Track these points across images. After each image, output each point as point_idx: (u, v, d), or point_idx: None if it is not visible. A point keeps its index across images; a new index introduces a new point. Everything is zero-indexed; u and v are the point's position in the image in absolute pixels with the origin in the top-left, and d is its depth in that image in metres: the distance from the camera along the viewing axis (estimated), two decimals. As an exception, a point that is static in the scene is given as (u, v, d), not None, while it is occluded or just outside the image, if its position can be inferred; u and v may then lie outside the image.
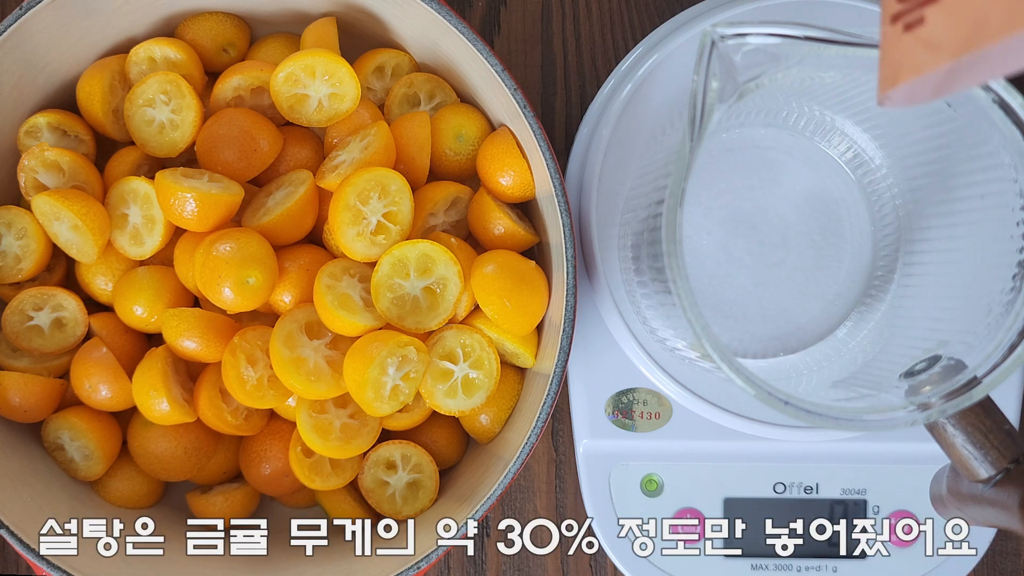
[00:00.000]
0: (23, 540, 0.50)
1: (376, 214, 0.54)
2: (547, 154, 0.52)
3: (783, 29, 0.40)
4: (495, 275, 0.54)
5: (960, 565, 0.59)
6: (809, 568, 0.60)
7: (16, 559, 0.64)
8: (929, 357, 0.45)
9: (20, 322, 0.56)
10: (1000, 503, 0.42)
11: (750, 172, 0.58)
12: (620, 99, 0.58)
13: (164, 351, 0.55)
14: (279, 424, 0.58)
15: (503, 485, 0.52)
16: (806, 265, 0.58)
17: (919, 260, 0.55)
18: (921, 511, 0.59)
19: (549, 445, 0.65)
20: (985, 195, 0.47)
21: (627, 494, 0.60)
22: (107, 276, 0.57)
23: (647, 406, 0.60)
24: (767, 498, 0.60)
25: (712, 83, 0.40)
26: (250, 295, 0.52)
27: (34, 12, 0.52)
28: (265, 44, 0.61)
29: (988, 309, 0.44)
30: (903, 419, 0.42)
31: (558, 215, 0.52)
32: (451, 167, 0.59)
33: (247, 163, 0.55)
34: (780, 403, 0.41)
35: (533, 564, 0.65)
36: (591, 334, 0.60)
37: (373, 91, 0.60)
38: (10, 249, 0.56)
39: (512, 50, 0.66)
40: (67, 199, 0.54)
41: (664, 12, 0.66)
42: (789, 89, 0.53)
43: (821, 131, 0.58)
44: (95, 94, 0.56)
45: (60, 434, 0.56)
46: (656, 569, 0.60)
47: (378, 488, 0.57)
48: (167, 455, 0.56)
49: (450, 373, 0.55)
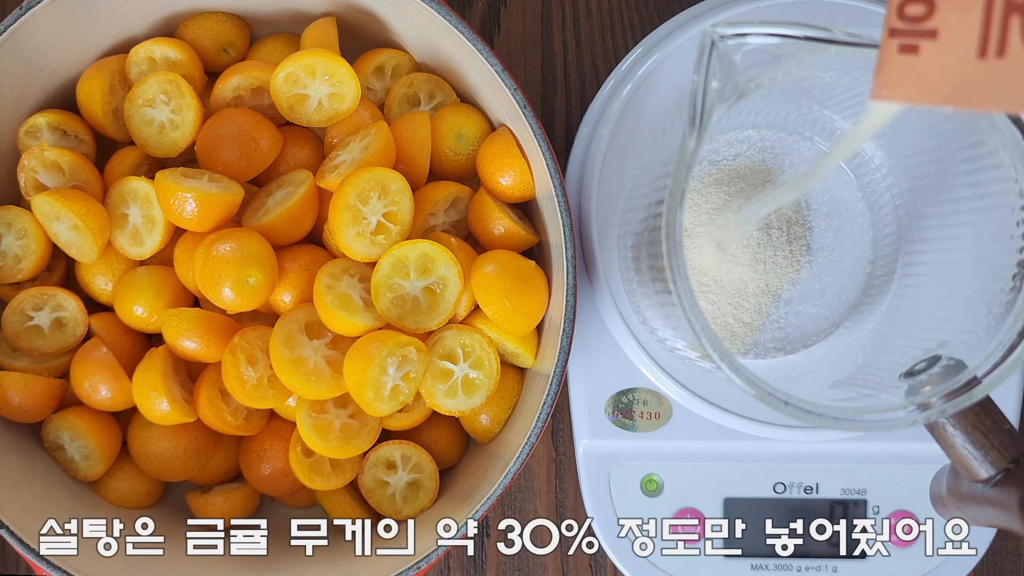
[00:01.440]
0: (23, 540, 0.50)
1: (376, 214, 0.54)
2: (547, 154, 0.52)
3: (783, 29, 0.40)
4: (495, 275, 0.54)
5: (960, 565, 0.59)
6: (809, 568, 0.60)
7: (16, 559, 0.64)
8: (929, 357, 0.45)
9: (20, 322, 0.56)
10: (1000, 503, 0.42)
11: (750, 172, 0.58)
12: (620, 99, 0.58)
13: (164, 351, 0.55)
14: (279, 424, 0.58)
15: (503, 485, 0.52)
16: (806, 265, 0.58)
17: (919, 260, 0.55)
18: (921, 511, 0.59)
19: (549, 445, 0.65)
20: (985, 195, 0.47)
21: (627, 494, 0.60)
22: (107, 276, 0.57)
23: (647, 406, 0.60)
24: (767, 498, 0.60)
25: (712, 83, 0.40)
26: (250, 295, 0.52)
27: (34, 12, 0.52)
28: (265, 44, 0.61)
29: (988, 309, 0.44)
30: (903, 419, 0.42)
31: (558, 215, 0.52)
32: (451, 167, 0.59)
33: (247, 163, 0.55)
34: (780, 403, 0.41)
35: (533, 564, 0.65)
36: (591, 334, 0.60)
37: (373, 91, 0.60)
38: (10, 249, 0.56)
39: (512, 50, 0.66)
40: (67, 199, 0.54)
41: (664, 12, 0.66)
42: (789, 89, 0.53)
43: (821, 131, 0.58)
44: (95, 94, 0.56)
45: (60, 434, 0.56)
46: (656, 569, 0.60)
47: (378, 488, 0.57)
48: (167, 455, 0.56)
49: (450, 373, 0.55)
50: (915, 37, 0.31)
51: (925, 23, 0.31)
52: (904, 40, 0.31)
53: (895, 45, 0.31)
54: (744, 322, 0.57)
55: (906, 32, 0.31)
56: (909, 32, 0.31)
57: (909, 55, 0.31)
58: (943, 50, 0.30)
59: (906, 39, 0.31)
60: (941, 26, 0.30)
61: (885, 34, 0.32)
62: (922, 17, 0.31)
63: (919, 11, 0.31)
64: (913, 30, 0.31)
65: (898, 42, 0.31)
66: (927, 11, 0.30)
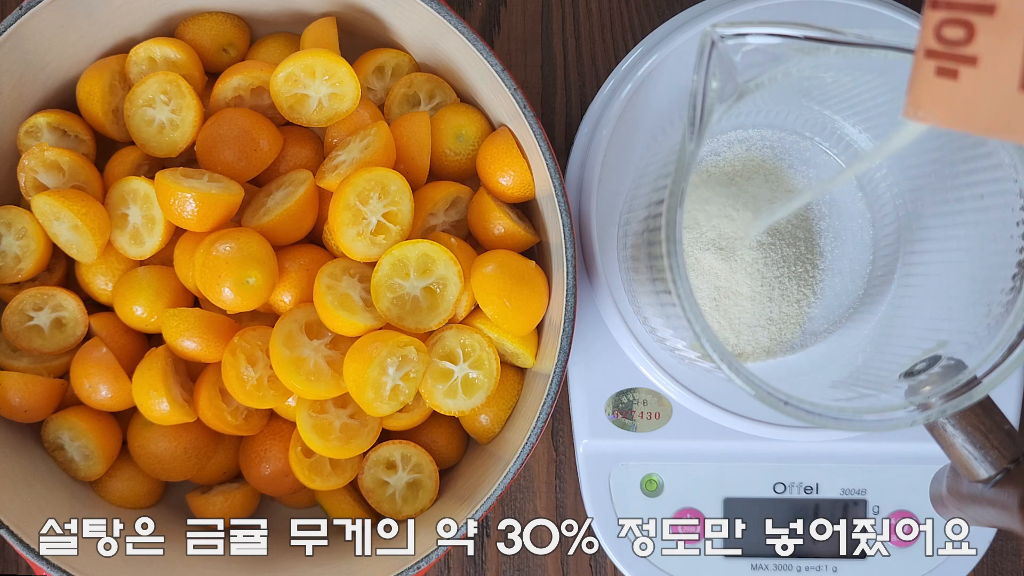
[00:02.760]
0: (23, 540, 0.50)
1: (376, 214, 0.54)
2: (547, 154, 0.52)
3: (783, 29, 0.40)
4: (495, 275, 0.54)
5: (960, 565, 0.59)
6: (809, 568, 0.60)
7: (16, 559, 0.64)
8: (929, 357, 0.45)
9: (20, 322, 0.56)
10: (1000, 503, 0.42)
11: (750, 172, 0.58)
12: (620, 99, 0.58)
13: (164, 351, 0.55)
14: (279, 424, 0.58)
15: (503, 485, 0.52)
16: (806, 265, 0.58)
17: (919, 260, 0.55)
18: (921, 511, 0.59)
19: (549, 445, 0.65)
20: (985, 195, 0.47)
21: (627, 494, 0.60)
22: (107, 276, 0.57)
23: (647, 406, 0.60)
24: (767, 498, 0.60)
25: (712, 83, 0.40)
26: (250, 295, 0.52)
27: (34, 12, 0.52)
28: (265, 44, 0.61)
29: (988, 309, 0.44)
30: (903, 419, 0.42)
31: (558, 215, 0.52)
32: (451, 167, 0.59)
33: (247, 163, 0.55)
34: (780, 403, 0.41)
35: (533, 564, 0.65)
36: (591, 334, 0.60)
37: (373, 91, 0.60)
38: (10, 249, 0.56)
39: (512, 50, 0.66)
40: (67, 199, 0.54)
41: (664, 12, 0.66)
42: (789, 89, 0.53)
43: (821, 131, 0.58)
44: (95, 94, 0.56)
45: (60, 434, 0.56)
46: (656, 569, 0.60)
47: (378, 488, 0.57)
48: (167, 455, 0.56)
49: (450, 373, 0.55)
50: (954, 61, 0.30)
51: (965, 48, 0.30)
52: (942, 63, 0.30)
53: (932, 67, 0.31)
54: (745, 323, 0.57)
55: (944, 55, 0.31)
56: (947, 55, 0.30)
57: (947, 79, 0.31)
58: (984, 78, 0.30)
59: (944, 62, 0.30)
60: (982, 53, 0.30)
61: (920, 54, 0.31)
62: (962, 42, 0.30)
63: (959, 35, 0.30)
64: (952, 54, 0.30)
65: (935, 64, 0.31)
66: (967, 36, 0.30)
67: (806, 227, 0.58)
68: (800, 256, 0.57)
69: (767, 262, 0.57)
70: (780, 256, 0.57)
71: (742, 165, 0.59)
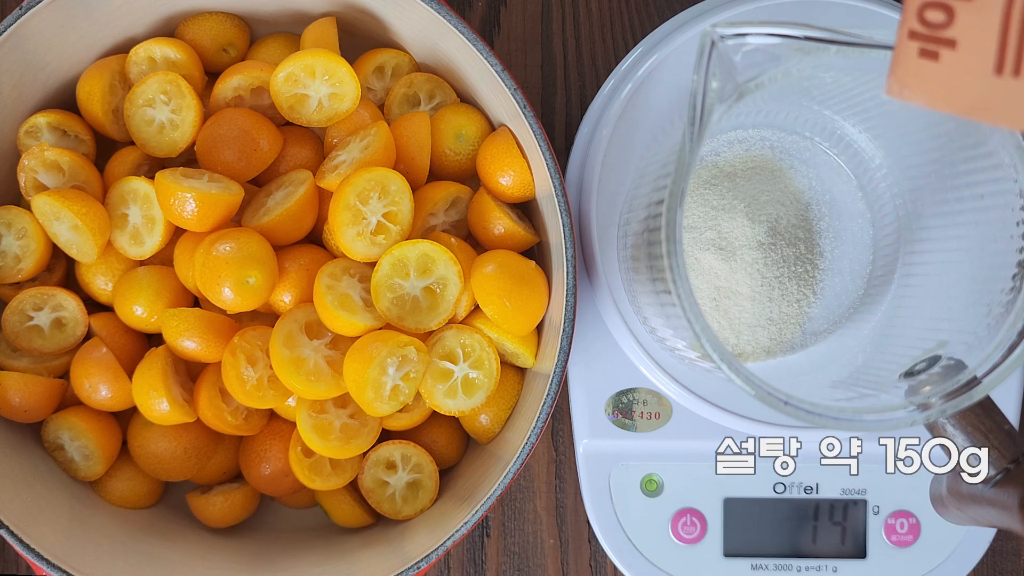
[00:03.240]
0: (23, 540, 0.50)
1: (376, 214, 0.54)
2: (547, 154, 0.52)
3: (783, 29, 0.40)
4: (495, 275, 0.54)
5: (960, 565, 0.59)
6: (809, 568, 0.60)
7: (16, 559, 0.64)
8: (929, 357, 0.45)
9: (20, 322, 0.56)
10: (1000, 503, 0.42)
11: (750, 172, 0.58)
12: (620, 99, 0.58)
13: (164, 351, 0.55)
14: (279, 424, 0.58)
15: (503, 485, 0.52)
16: (806, 265, 0.58)
17: (919, 260, 0.55)
18: (921, 511, 0.59)
19: (549, 445, 0.65)
20: (985, 195, 0.47)
21: (627, 494, 0.60)
22: (107, 276, 0.57)
23: (647, 406, 0.60)
24: (767, 498, 0.60)
25: (712, 83, 0.40)
26: (250, 295, 0.52)
27: (34, 12, 0.52)
28: (265, 44, 0.61)
29: (988, 309, 0.44)
30: (903, 419, 0.42)
31: (558, 215, 0.52)
32: (451, 167, 0.59)
33: (247, 163, 0.55)
34: (780, 403, 0.41)
35: (533, 564, 0.65)
36: (591, 334, 0.60)
37: (373, 91, 0.60)
38: (10, 249, 0.56)
39: (512, 50, 0.66)
40: (67, 199, 0.54)
41: (664, 12, 0.66)
42: (789, 89, 0.53)
43: (821, 131, 0.58)
44: (95, 94, 0.56)
45: (60, 434, 0.56)
46: (656, 569, 0.60)
47: (378, 488, 0.57)
48: (167, 455, 0.56)
49: (450, 373, 0.55)
50: (935, 44, 0.31)
51: (944, 31, 0.31)
52: (924, 45, 0.31)
53: (915, 48, 0.31)
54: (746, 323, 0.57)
55: (926, 37, 0.31)
56: (929, 38, 0.31)
57: (929, 60, 0.31)
58: (962, 61, 0.30)
59: (926, 44, 0.31)
60: (960, 37, 0.30)
61: (903, 34, 0.32)
62: (942, 25, 0.31)
63: (939, 18, 0.31)
64: (933, 36, 0.31)
65: (918, 46, 0.31)
66: (947, 19, 0.31)
67: (806, 227, 0.58)
68: (800, 256, 0.57)
69: (767, 262, 0.57)
70: (780, 256, 0.57)
71: (742, 165, 0.59)
